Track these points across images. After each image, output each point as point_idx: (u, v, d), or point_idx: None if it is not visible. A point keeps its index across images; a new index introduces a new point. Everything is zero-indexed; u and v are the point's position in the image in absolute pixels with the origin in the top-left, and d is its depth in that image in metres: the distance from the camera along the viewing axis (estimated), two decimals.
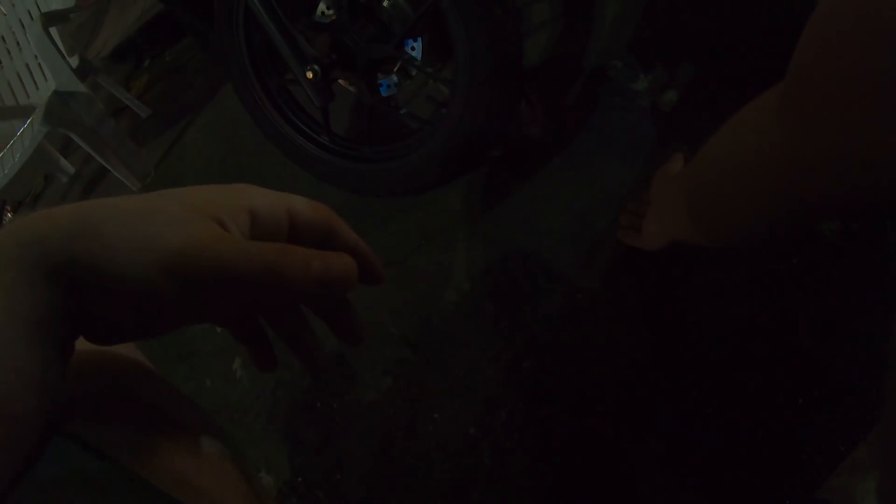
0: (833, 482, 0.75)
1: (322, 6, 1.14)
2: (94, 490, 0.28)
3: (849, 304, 0.86)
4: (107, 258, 0.25)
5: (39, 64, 1.98)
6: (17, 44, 2.05)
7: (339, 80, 1.16)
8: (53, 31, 1.91)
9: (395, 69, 1.12)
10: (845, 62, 0.32)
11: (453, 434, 0.99)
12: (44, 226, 0.25)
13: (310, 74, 1.07)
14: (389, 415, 1.04)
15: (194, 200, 0.28)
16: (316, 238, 0.32)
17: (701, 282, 0.95)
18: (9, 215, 2.44)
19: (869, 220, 0.90)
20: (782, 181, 0.42)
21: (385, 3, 1.09)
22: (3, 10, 2.00)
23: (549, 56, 1.32)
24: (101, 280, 0.25)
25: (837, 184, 0.38)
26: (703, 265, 0.96)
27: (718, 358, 0.89)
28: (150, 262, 0.25)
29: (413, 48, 1.10)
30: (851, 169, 0.36)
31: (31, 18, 1.99)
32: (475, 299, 1.09)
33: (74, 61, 1.99)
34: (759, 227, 0.51)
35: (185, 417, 0.38)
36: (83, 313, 0.26)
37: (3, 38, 2.03)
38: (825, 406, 0.81)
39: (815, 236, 0.92)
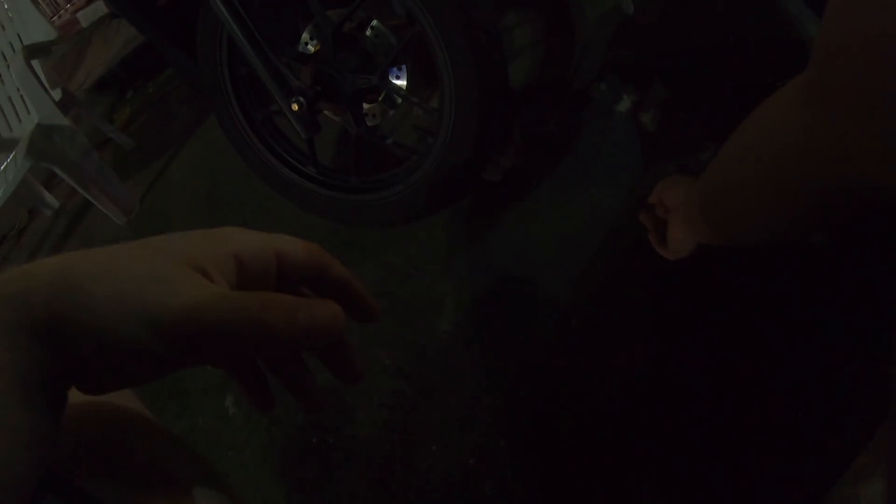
0: (836, 492, 0.74)
1: (305, 37, 1.15)
2: None
3: (849, 310, 0.86)
4: (93, 316, 0.24)
5: (22, 97, 1.97)
6: (0, 77, 2.04)
7: (325, 111, 1.16)
8: (36, 63, 1.90)
9: (380, 98, 1.12)
10: (875, 40, 0.31)
11: (453, 466, 0.97)
12: (24, 283, 0.25)
13: (295, 107, 1.07)
14: (387, 449, 1.03)
15: (178, 251, 0.28)
16: (307, 276, 0.32)
17: (696, 293, 0.95)
18: None
19: (867, 225, 0.91)
20: (810, 173, 0.41)
21: (368, 33, 1.09)
22: None
23: (532, 80, 1.33)
24: (89, 338, 0.25)
25: (869, 172, 0.36)
26: (698, 274, 0.95)
27: (718, 371, 0.89)
28: (138, 321, 0.25)
29: (398, 77, 1.10)
30: (883, 155, 0.34)
31: (13, 51, 1.98)
32: (469, 328, 1.08)
33: (57, 94, 1.97)
34: (783, 224, 0.51)
35: (183, 469, 0.38)
36: (72, 368, 0.26)
37: None
38: (827, 415, 0.81)
39: (810, 244, 0.92)
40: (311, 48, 1.13)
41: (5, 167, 1.89)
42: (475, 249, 1.16)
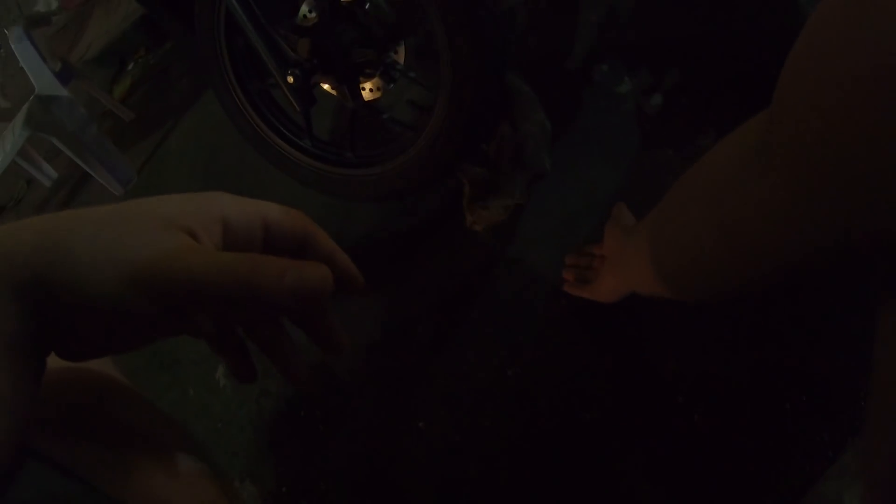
0: (821, 487, 0.75)
1: (304, 9, 1.13)
2: None
3: (833, 307, 0.86)
4: (74, 273, 0.24)
5: (21, 68, 1.96)
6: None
7: (322, 85, 1.15)
8: (36, 34, 1.89)
9: (377, 73, 1.11)
10: (841, 93, 0.27)
11: (438, 443, 0.97)
12: (7, 242, 0.25)
13: (291, 79, 1.06)
14: (373, 424, 1.03)
15: (164, 211, 0.27)
16: (292, 246, 0.31)
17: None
18: None
19: None
20: (770, 234, 0.37)
21: (367, 7, 1.08)
22: None
23: (535, 59, 1.31)
24: (70, 296, 0.24)
25: (842, 232, 0.33)
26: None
27: (705, 364, 0.88)
28: (119, 277, 0.24)
29: (396, 52, 1.09)
30: (857, 214, 0.31)
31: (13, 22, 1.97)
32: (458, 306, 1.08)
33: (56, 65, 1.97)
34: (742, 283, 0.46)
35: (161, 435, 0.38)
36: (54, 330, 0.25)
37: None
38: (813, 410, 0.80)
39: None
40: (309, 21, 1.12)
41: (3, 137, 1.90)
42: (467, 228, 1.15)
